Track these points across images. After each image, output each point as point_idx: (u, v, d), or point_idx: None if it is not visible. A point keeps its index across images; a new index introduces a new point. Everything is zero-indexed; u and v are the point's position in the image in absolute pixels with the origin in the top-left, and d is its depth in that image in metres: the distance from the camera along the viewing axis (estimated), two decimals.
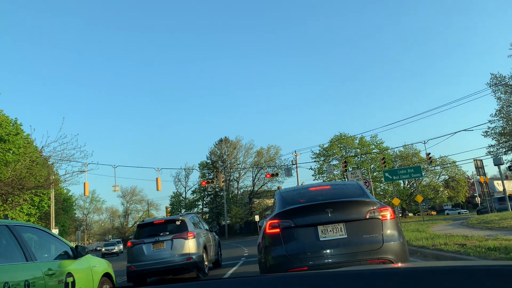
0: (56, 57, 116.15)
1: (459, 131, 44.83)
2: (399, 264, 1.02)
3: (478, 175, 30.97)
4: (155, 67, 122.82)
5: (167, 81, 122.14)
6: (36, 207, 31.35)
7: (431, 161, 42.54)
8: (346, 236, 5.13)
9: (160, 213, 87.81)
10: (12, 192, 21.46)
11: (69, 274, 5.14)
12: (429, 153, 39.65)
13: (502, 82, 37.34)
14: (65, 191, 48.91)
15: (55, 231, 32.32)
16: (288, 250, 5.15)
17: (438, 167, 61.22)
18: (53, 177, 25.27)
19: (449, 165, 60.22)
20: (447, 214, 68.18)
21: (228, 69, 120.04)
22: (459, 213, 66.34)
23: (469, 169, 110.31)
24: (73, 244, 5.95)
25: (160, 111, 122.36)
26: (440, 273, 0.96)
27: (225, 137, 70.98)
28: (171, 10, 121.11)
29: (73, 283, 5.16)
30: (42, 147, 21.28)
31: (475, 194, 68.25)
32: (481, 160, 30.97)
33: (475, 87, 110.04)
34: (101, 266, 6.35)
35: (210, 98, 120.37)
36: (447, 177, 63.82)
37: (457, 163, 59.28)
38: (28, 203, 27.96)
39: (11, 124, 28.04)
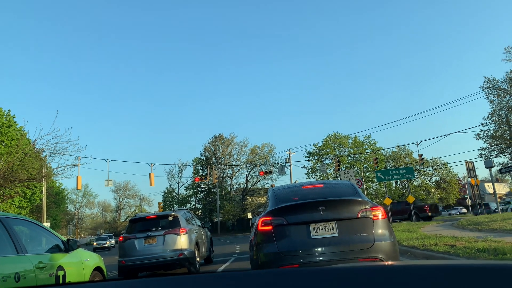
0: (50, 51, 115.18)
1: (451, 133, 45.32)
2: (389, 262, 1.04)
3: (469, 177, 31.24)
4: (150, 63, 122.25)
5: (161, 78, 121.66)
6: (28, 200, 31.16)
7: (423, 162, 42.82)
8: (337, 234, 5.17)
9: (153, 209, 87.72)
10: (3, 185, 21.29)
11: (60, 268, 5.13)
12: (422, 154, 39.92)
13: (495, 86, 37.64)
14: (57, 184, 48.63)
15: (46, 224, 32.12)
16: (280, 248, 5.17)
17: (430, 169, 61.63)
18: (46, 170, 25.08)
19: (441, 166, 60.65)
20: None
21: (223, 67, 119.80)
22: (449, 214, 66.90)
23: (461, 171, 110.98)
24: (64, 238, 5.92)
25: (155, 106, 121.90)
26: (428, 270, 0.98)
27: (220, 134, 70.98)
28: (168, 8, 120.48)
29: (64, 276, 5.15)
30: (35, 139, 21.12)
31: (465, 196, 68.84)
32: (472, 163, 31.25)
33: (469, 90, 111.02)
34: (93, 260, 6.34)
35: (205, 94, 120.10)
36: (438, 178, 64.28)
37: (449, 165, 59.76)
38: (19, 196, 27.79)
39: (4, 116, 27.83)
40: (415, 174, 41.48)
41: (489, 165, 31.25)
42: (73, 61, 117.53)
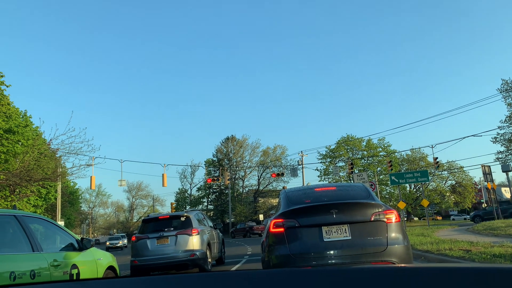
0: (65, 52, 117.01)
1: (467, 136, 44.76)
2: (402, 265, 1.02)
3: (485, 181, 30.72)
4: (163, 64, 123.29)
5: (174, 79, 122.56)
6: (43, 199, 31.64)
7: (438, 166, 42.28)
8: (350, 237, 5.13)
9: (165, 209, 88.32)
10: (20, 183, 21.68)
11: (74, 266, 5.19)
12: (437, 158, 39.42)
13: None
14: (71, 184, 49.29)
15: (61, 223, 32.57)
16: (291, 250, 5.15)
17: (445, 172, 60.86)
18: (61, 169, 25.48)
19: (456, 170, 59.83)
20: (453, 219, 67.74)
21: (237, 69, 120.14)
22: (465, 219, 65.85)
23: (477, 175, 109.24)
24: (78, 237, 5.99)
25: (168, 107, 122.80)
26: (442, 272, 0.97)
27: (232, 136, 71.20)
28: (178, 10, 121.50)
29: (78, 274, 5.21)
30: (51, 139, 21.52)
31: (482, 201, 67.76)
32: (489, 166, 30.71)
33: (486, 93, 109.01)
34: (106, 259, 6.39)
35: (217, 96, 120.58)
36: (454, 182, 63.42)
37: (464, 169, 58.89)
38: (35, 195, 28.23)
39: (21, 116, 28.31)
40: (429, 178, 41.03)
41: (506, 169, 30.68)
42: (88, 64, 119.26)
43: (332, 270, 1.06)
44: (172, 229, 10.89)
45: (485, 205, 59.00)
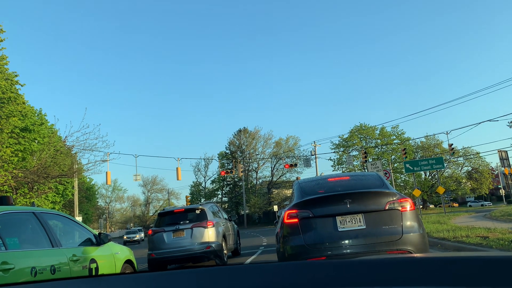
0: (79, 49, 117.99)
1: (483, 122, 43.95)
2: (418, 254, 1.01)
3: (502, 167, 30.21)
4: (176, 58, 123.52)
5: (187, 72, 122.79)
6: (60, 195, 32.20)
7: (453, 152, 41.70)
8: (365, 227, 5.12)
9: (180, 202, 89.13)
10: (37, 181, 22.09)
11: (93, 260, 5.29)
12: (452, 144, 38.86)
13: None
14: (88, 180, 49.98)
15: (78, 218, 33.20)
16: (306, 240, 5.16)
17: (461, 158, 60.02)
18: (76, 166, 25.89)
19: (472, 156, 58.94)
20: (470, 206, 66.89)
21: (247, 60, 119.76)
22: (482, 205, 65.00)
23: (493, 161, 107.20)
24: (96, 232, 6.10)
25: (180, 101, 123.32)
26: (458, 262, 0.96)
27: (244, 128, 71.24)
28: (192, 5, 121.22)
29: (97, 269, 5.31)
30: (66, 136, 21.87)
31: (499, 186, 66.73)
32: (505, 151, 30.17)
33: (501, 76, 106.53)
34: (123, 253, 6.50)
35: (229, 89, 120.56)
36: (470, 168, 62.52)
37: (480, 154, 57.95)
38: (53, 191, 28.76)
39: (36, 115, 28.77)
40: (445, 165, 40.49)
41: None
42: (102, 60, 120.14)
43: (349, 262, 1.07)
44: (187, 222, 11.00)
45: (502, 191, 58.11)
